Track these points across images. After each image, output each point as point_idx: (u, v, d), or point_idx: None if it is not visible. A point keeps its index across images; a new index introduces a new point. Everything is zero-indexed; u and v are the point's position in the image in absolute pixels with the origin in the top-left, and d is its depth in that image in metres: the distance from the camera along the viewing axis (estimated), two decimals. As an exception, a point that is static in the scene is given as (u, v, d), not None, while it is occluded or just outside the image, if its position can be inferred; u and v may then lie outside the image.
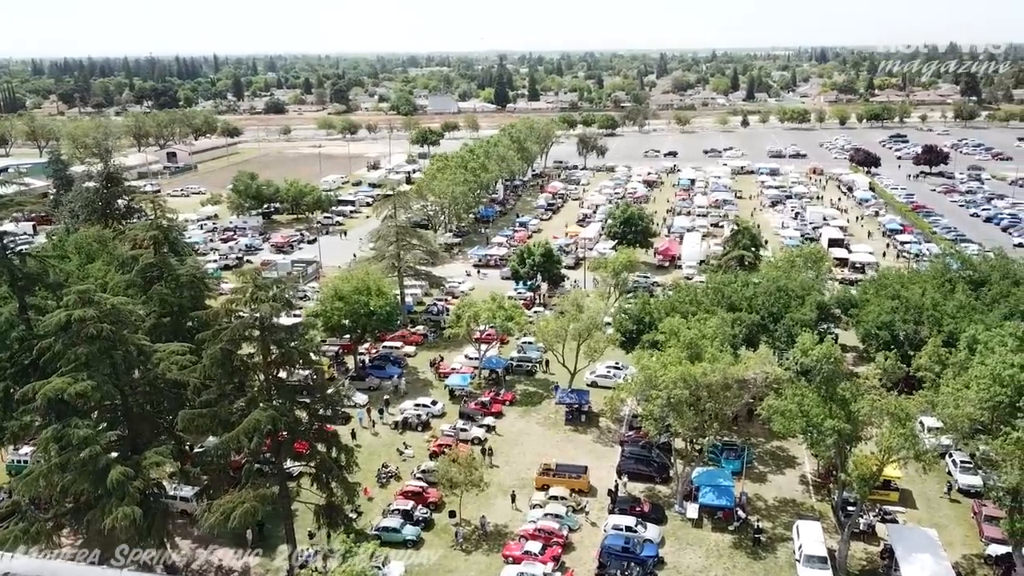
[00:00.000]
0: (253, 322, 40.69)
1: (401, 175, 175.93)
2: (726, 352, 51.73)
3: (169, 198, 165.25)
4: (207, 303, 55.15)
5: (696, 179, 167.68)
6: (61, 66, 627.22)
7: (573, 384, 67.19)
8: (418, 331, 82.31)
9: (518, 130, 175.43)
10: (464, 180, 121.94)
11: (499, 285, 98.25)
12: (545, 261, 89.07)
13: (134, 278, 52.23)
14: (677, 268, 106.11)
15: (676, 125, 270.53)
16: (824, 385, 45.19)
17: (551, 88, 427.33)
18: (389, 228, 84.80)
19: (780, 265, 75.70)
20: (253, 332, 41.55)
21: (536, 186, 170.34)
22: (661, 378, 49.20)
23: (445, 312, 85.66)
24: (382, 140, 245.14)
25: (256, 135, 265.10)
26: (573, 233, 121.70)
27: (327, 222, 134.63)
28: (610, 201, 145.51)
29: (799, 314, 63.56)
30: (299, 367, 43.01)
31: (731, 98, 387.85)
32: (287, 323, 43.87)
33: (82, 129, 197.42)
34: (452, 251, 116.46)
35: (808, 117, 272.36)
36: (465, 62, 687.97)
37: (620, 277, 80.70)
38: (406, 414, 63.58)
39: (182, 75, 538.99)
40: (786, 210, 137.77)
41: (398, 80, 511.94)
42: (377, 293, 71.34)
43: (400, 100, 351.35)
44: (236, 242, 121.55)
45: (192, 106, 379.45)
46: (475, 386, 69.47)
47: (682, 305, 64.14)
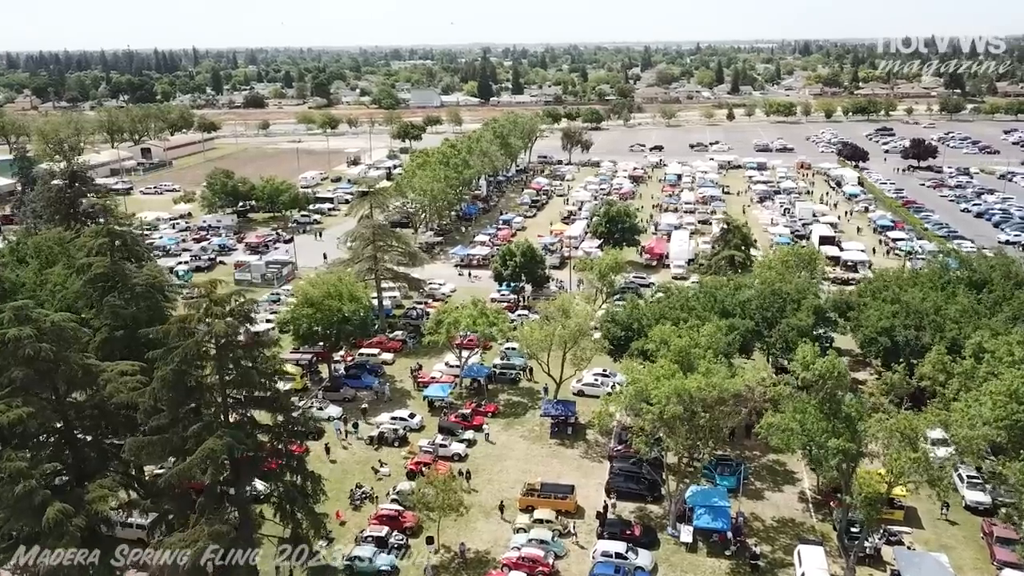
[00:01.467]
0: (208, 341, 36.98)
1: (381, 171, 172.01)
2: (721, 363, 48.57)
3: (142, 196, 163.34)
4: (168, 313, 51.33)
5: (683, 174, 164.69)
6: (37, 60, 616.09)
7: (559, 394, 63.84)
8: (396, 337, 78.70)
9: (501, 125, 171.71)
10: (445, 177, 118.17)
11: (482, 287, 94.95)
12: (528, 262, 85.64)
13: (84, 288, 48.27)
14: (665, 267, 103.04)
15: (661, 119, 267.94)
16: (828, 402, 42.10)
17: (535, 81, 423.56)
18: (365, 228, 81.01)
19: (773, 266, 72.67)
20: (209, 350, 37.88)
21: (520, 182, 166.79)
22: (653, 392, 46.00)
23: (425, 316, 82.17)
24: (363, 135, 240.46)
25: (234, 130, 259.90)
26: (558, 231, 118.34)
27: (304, 221, 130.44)
28: (595, 198, 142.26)
29: (795, 319, 60.60)
30: (259, 389, 39.26)
31: (716, 91, 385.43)
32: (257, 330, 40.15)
33: (52, 125, 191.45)
34: (433, 251, 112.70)
35: (794, 110, 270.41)
36: (448, 55, 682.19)
37: (607, 280, 77.38)
38: (382, 428, 60.04)
39: (160, 69, 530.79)
40: (775, 206, 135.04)
41: (380, 74, 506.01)
42: (351, 298, 67.68)
43: (382, 94, 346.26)
44: (209, 242, 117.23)
45: (170, 100, 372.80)
46: (455, 396, 66.07)
47: (672, 311, 60.99)
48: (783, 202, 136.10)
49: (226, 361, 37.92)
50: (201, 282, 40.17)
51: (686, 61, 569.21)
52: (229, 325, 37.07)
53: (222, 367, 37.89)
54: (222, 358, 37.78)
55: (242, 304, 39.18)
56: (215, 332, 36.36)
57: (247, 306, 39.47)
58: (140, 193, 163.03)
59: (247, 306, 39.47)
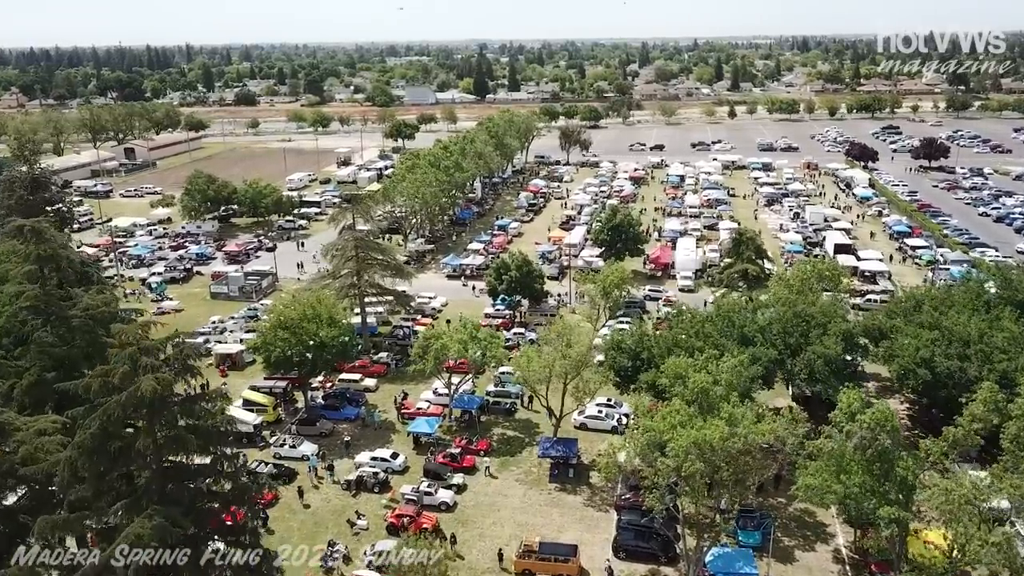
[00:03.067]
0: (135, 401, 30.42)
1: (372, 172, 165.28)
2: (746, 406, 42.17)
3: (122, 199, 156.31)
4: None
5: (685, 175, 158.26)
6: (28, 56, 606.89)
7: (559, 430, 57.36)
8: (381, 360, 72.14)
9: (496, 124, 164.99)
10: (436, 181, 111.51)
11: (475, 301, 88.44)
12: (524, 276, 79.12)
13: (10, 323, 41.68)
14: (671, 278, 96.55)
15: (661, 116, 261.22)
16: (878, 462, 35.73)
17: (532, 78, 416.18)
18: (347, 241, 74.43)
19: (793, 283, 66.21)
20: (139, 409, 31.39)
21: (516, 184, 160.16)
22: (669, 443, 39.65)
23: (412, 336, 75.67)
24: (356, 134, 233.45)
25: (223, 129, 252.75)
26: (557, 238, 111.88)
27: (288, 226, 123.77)
28: (595, 201, 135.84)
29: (822, 347, 54.21)
30: (201, 453, 32.75)
31: (716, 88, 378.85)
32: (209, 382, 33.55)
33: (29, 124, 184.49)
34: (424, 259, 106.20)
35: (797, 108, 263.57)
36: (444, 52, 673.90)
37: (611, 297, 70.89)
38: (361, 471, 53.51)
39: (153, 65, 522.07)
40: (783, 210, 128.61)
41: (375, 70, 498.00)
42: (329, 322, 61.12)
43: (376, 91, 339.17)
44: (187, 250, 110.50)
45: (160, 98, 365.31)
46: (444, 430, 59.62)
47: (686, 339, 54.54)
48: (792, 206, 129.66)
49: (158, 423, 31.41)
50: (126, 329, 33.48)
51: (684, 57, 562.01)
52: (161, 381, 30.46)
53: (153, 431, 31.37)
54: (153, 420, 31.25)
55: (180, 352, 32.58)
56: (142, 392, 29.74)
57: (186, 353, 32.86)
58: (120, 196, 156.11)
59: (186, 353, 32.86)
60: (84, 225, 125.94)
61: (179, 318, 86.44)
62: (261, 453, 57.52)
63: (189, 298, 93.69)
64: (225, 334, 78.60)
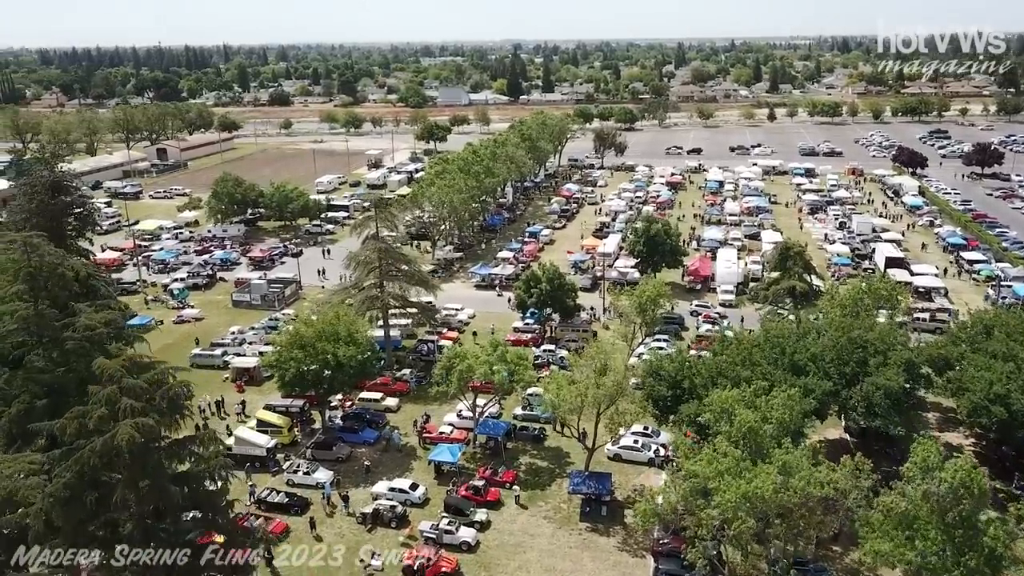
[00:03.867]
0: (111, 450, 26.98)
1: (403, 175, 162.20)
2: (801, 453, 37.69)
3: (151, 200, 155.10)
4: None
5: (724, 181, 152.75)
6: (70, 56, 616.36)
7: (591, 462, 53.21)
8: (404, 377, 68.51)
9: (529, 127, 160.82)
10: (465, 186, 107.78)
11: (504, 313, 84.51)
12: (555, 290, 74.93)
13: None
14: (711, 291, 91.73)
15: (698, 119, 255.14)
16: (960, 528, 31.10)
17: (566, 79, 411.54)
18: (370, 251, 70.94)
19: (846, 304, 61.27)
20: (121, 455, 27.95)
21: (549, 188, 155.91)
22: (715, 494, 35.38)
23: (437, 351, 71.99)
24: (388, 135, 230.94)
25: (256, 129, 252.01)
26: (590, 247, 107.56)
27: (316, 231, 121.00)
28: (631, 207, 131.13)
29: (882, 378, 49.35)
30: (189, 505, 29.24)
31: (754, 90, 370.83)
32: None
33: (63, 124, 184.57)
34: (452, 268, 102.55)
35: (839, 111, 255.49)
36: (479, 52, 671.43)
37: (648, 315, 66.47)
38: (378, 504, 49.85)
39: (191, 65, 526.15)
40: (828, 219, 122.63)
41: (409, 71, 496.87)
42: (349, 341, 57.57)
43: (409, 92, 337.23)
44: (211, 255, 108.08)
45: (196, 98, 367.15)
46: (468, 457, 55.78)
47: (731, 367, 50.03)
48: (837, 214, 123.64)
49: (140, 472, 27.95)
50: (107, 364, 29.95)
51: (721, 58, 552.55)
52: (141, 428, 26.98)
53: (135, 481, 27.91)
54: (134, 469, 27.79)
55: (168, 391, 29.08)
56: (119, 440, 26.26)
57: (175, 392, 29.36)
58: (149, 197, 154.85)
59: (175, 392, 29.36)
60: (111, 227, 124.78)
61: (199, 327, 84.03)
62: (274, 479, 54.24)
63: (211, 306, 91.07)
64: (244, 346, 75.56)
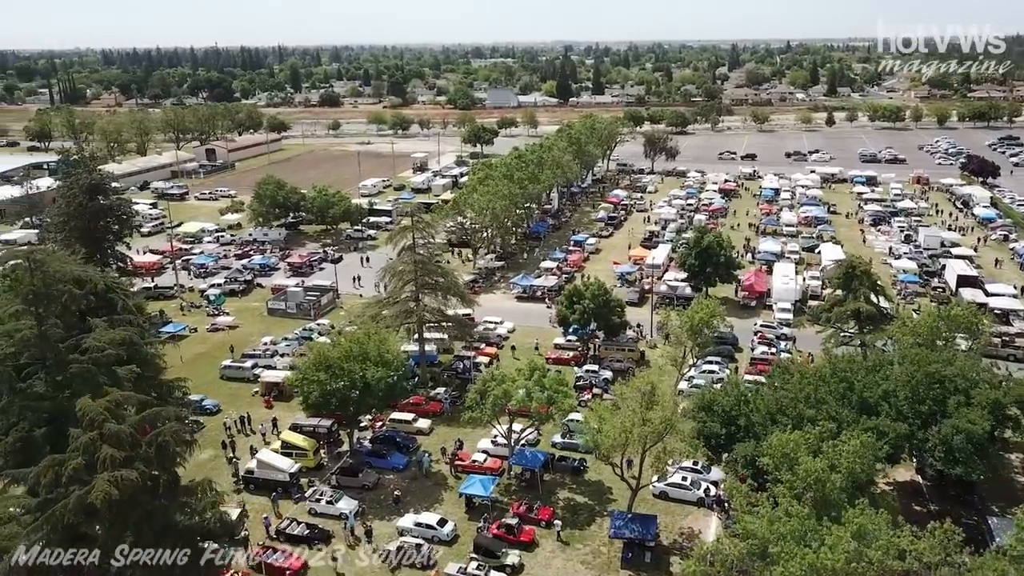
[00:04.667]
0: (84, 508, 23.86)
1: (447, 179, 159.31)
2: (880, 517, 33.00)
3: (197, 201, 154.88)
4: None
5: (780, 188, 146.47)
6: (131, 56, 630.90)
7: (635, 503, 48.91)
8: (438, 396, 65.04)
9: (577, 131, 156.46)
10: (509, 193, 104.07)
11: (546, 327, 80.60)
12: (600, 307, 70.64)
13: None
14: (766, 308, 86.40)
15: (752, 123, 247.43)
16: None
17: (616, 81, 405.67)
18: (406, 264, 67.68)
19: (920, 331, 55.86)
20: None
21: (596, 194, 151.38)
22: (777, 562, 30.95)
23: (473, 369, 68.42)
24: (435, 137, 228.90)
25: (305, 130, 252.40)
26: (638, 257, 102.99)
27: (357, 236, 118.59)
28: (681, 215, 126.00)
29: (964, 420, 44.12)
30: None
31: (811, 93, 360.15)
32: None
33: (114, 124, 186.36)
34: (493, 277, 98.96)
35: (902, 115, 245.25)
36: (529, 53, 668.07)
37: (700, 336, 61.87)
38: (403, 541, 46.36)
39: (246, 66, 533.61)
40: (893, 231, 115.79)
41: (459, 72, 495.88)
42: (379, 361, 54.25)
43: (458, 93, 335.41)
44: (249, 260, 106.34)
45: (249, 98, 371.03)
46: (502, 489, 52.00)
47: (792, 404, 45.28)
48: (902, 226, 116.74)
49: (122, 528, 24.80)
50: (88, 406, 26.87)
51: (776, 60, 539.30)
52: (120, 483, 23.83)
53: (118, 536, 24.78)
54: (117, 524, 24.65)
55: (158, 436, 25.88)
56: (93, 498, 23.12)
57: (165, 440, 26.14)
58: (195, 198, 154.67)
59: (165, 440, 26.14)
60: (154, 229, 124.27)
61: (232, 335, 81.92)
62: (296, 507, 51.22)
63: (246, 313, 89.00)
64: (275, 358, 72.98)
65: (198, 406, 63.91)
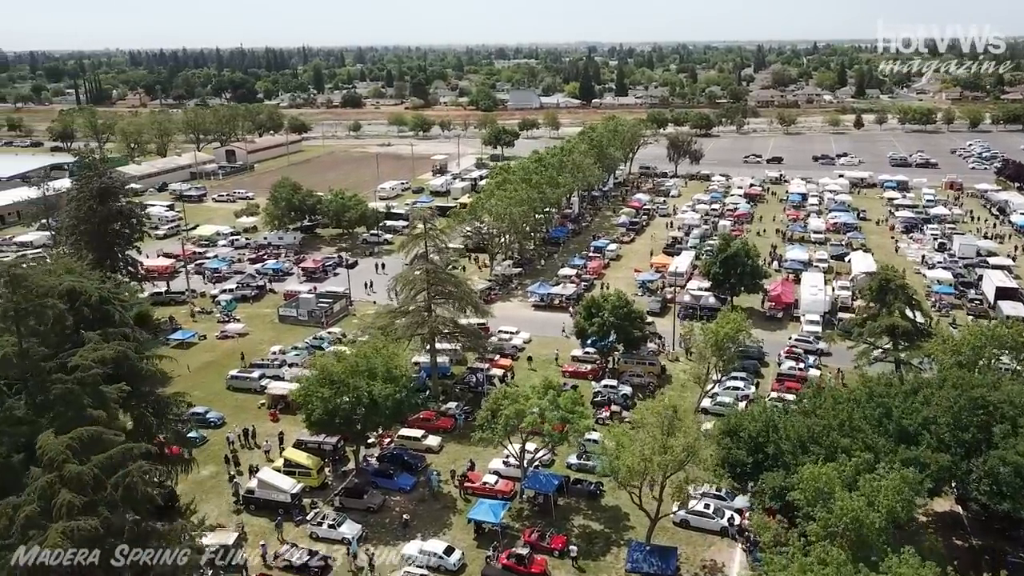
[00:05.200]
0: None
1: (467, 183, 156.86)
2: (931, 569, 29.90)
3: (214, 203, 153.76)
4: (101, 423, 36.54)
5: (808, 193, 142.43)
6: (158, 57, 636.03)
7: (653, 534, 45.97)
8: (449, 411, 62.46)
9: (599, 133, 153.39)
10: (527, 198, 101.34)
11: (563, 338, 77.73)
12: (621, 320, 67.66)
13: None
14: (793, 320, 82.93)
15: (779, 125, 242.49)
16: None
17: (640, 82, 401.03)
18: (418, 273, 65.20)
19: (962, 350, 52.39)
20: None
21: (618, 198, 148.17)
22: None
23: (487, 382, 65.79)
24: (455, 139, 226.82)
25: (325, 131, 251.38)
26: (660, 264, 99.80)
27: (373, 240, 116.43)
28: (705, 220, 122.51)
29: (1012, 452, 40.72)
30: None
31: (838, 94, 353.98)
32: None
33: (135, 125, 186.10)
34: (510, 284, 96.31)
35: (933, 118, 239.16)
36: (553, 54, 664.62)
37: (725, 354, 58.79)
38: (406, 572, 43.82)
39: (271, 67, 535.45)
40: (926, 239, 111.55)
41: (482, 73, 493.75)
42: (386, 377, 51.77)
43: (480, 94, 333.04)
44: (263, 264, 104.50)
45: (272, 99, 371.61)
46: (512, 515, 49.28)
47: (825, 432, 42.10)
48: (935, 234, 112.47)
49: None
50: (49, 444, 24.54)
51: (802, 61, 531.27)
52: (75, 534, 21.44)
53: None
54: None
55: (126, 477, 23.48)
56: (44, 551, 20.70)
57: (133, 480, 23.73)
58: (212, 200, 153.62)
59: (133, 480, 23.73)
60: (170, 232, 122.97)
61: (242, 343, 79.95)
62: (296, 530, 48.85)
63: (257, 320, 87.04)
64: (284, 368, 70.82)
65: (202, 418, 61.99)
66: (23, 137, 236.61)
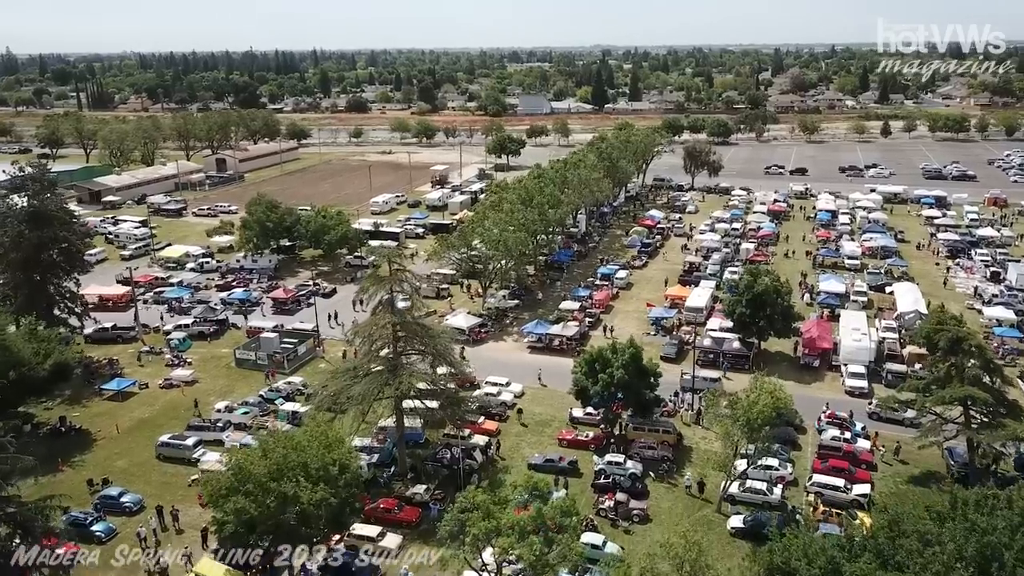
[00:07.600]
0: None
1: (466, 196, 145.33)
2: None
3: (194, 218, 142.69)
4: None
5: (837, 210, 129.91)
6: (167, 60, 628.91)
7: None
8: (416, 497, 50.72)
9: (610, 144, 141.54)
10: (525, 221, 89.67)
11: (562, 397, 65.72)
12: (633, 379, 55.70)
13: None
14: (832, 368, 70.75)
15: (800, 133, 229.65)
16: None
17: (655, 86, 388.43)
18: (382, 324, 53.55)
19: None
20: None
21: (628, 213, 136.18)
22: None
23: (464, 459, 54.00)
24: (460, 146, 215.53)
25: (326, 137, 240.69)
26: (675, 296, 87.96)
27: (356, 263, 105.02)
28: (726, 244, 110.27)
29: None
30: None
31: (861, 99, 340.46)
32: None
33: (118, 132, 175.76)
34: (504, 320, 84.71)
35: (966, 125, 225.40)
36: (567, 58, 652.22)
37: (757, 436, 46.81)
38: None
39: (280, 70, 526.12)
40: (976, 266, 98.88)
41: (493, 76, 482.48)
42: (321, 476, 40.10)
43: (488, 99, 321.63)
44: (230, 293, 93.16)
45: (276, 103, 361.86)
46: (483, 663, 37.58)
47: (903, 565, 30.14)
48: (986, 260, 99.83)
49: None
50: None
51: (821, 65, 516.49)
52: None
53: None
54: None
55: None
56: None
57: None
58: (192, 215, 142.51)
59: None
60: (137, 252, 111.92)
61: (188, 394, 68.30)
62: None
63: (212, 363, 75.53)
64: (225, 433, 59.36)
65: (114, 503, 50.71)
66: (11, 143, 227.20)
